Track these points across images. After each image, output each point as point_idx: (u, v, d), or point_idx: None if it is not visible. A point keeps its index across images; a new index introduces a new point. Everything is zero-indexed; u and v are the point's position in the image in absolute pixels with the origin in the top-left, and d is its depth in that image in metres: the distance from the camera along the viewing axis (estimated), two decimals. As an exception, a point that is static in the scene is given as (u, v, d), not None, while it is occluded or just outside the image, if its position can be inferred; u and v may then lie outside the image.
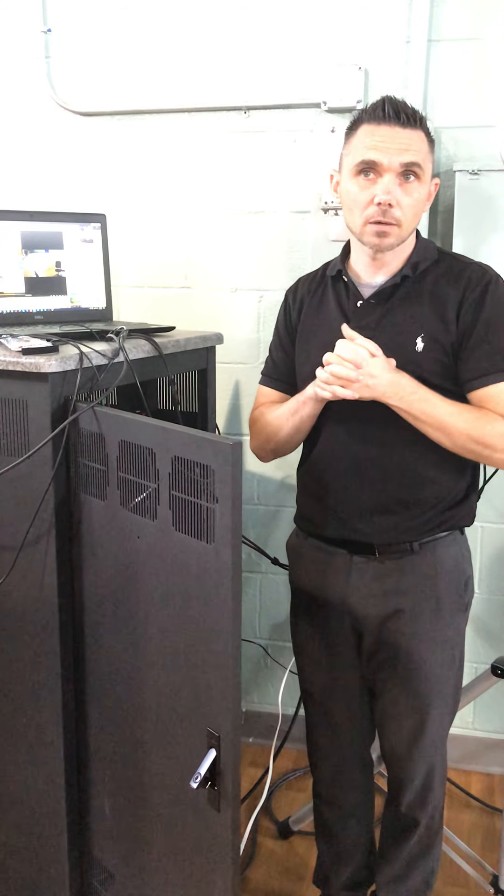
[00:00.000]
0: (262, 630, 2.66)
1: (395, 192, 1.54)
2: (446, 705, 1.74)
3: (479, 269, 1.61)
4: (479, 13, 2.17)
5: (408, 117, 1.54)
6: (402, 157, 1.53)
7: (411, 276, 1.62)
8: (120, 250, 2.45)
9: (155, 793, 1.52)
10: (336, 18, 2.25)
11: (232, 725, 1.32)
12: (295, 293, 1.79)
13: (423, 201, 1.60)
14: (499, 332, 1.56)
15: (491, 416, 1.54)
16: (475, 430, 1.53)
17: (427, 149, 1.57)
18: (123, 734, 1.57)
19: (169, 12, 2.35)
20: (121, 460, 1.47)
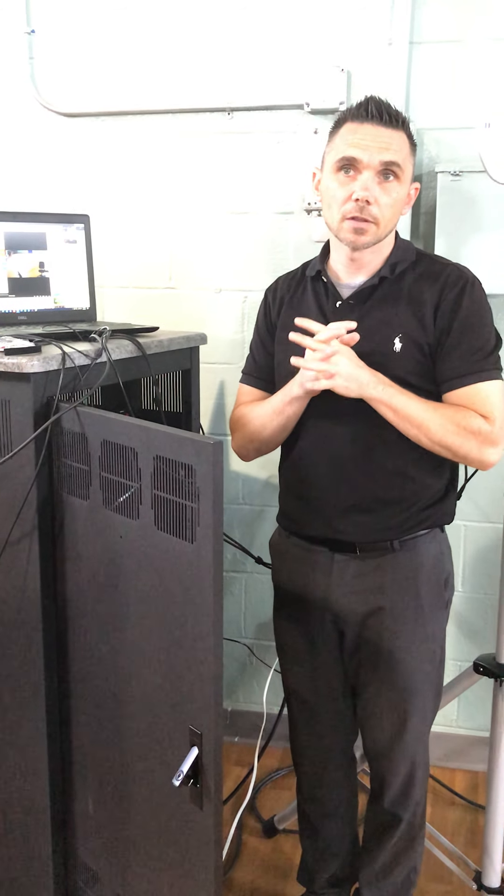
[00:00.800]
0: (248, 629, 2.67)
1: (373, 189, 1.55)
2: (428, 702, 1.75)
3: (456, 271, 1.62)
4: (460, 16, 2.18)
5: (390, 117, 1.55)
6: (382, 156, 1.54)
7: (389, 277, 1.63)
8: (104, 251, 2.46)
9: (138, 791, 1.53)
10: (319, 20, 2.26)
11: (214, 723, 1.32)
12: (275, 292, 1.80)
13: (402, 202, 1.61)
14: (475, 334, 1.57)
15: (468, 413, 1.55)
16: (452, 427, 1.54)
17: (408, 151, 1.59)
18: (106, 733, 1.58)
19: (153, 14, 2.35)
20: (103, 460, 1.47)
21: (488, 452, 1.56)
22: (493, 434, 1.55)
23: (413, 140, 1.61)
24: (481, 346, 1.57)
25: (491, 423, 1.55)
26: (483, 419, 1.55)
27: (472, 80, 2.20)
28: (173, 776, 1.33)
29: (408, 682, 1.70)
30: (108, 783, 1.60)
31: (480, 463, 1.58)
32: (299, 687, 1.83)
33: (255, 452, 1.80)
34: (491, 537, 2.42)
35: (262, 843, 2.28)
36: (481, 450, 1.55)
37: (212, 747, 1.33)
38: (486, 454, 1.56)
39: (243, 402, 1.83)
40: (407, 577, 1.68)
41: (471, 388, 1.57)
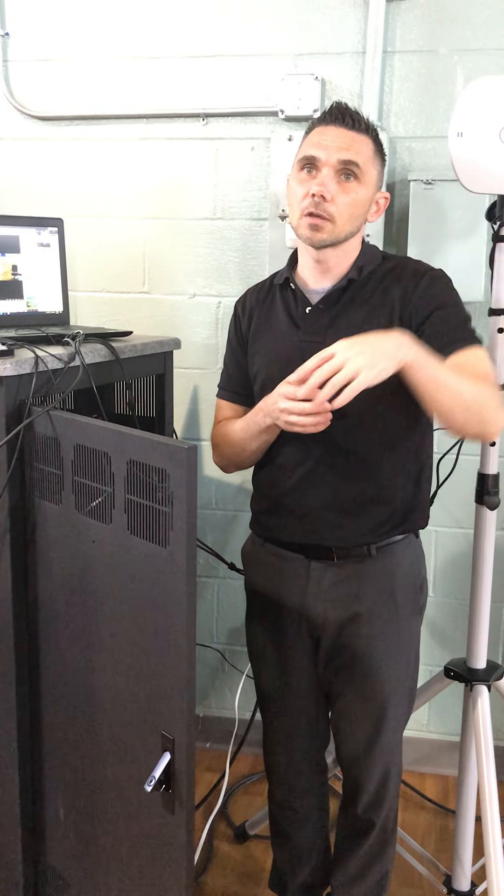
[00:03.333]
0: (220, 635, 2.67)
1: (329, 185, 1.55)
2: (402, 707, 1.76)
3: (419, 264, 1.65)
4: (433, 26, 2.21)
5: (353, 120, 1.57)
6: (341, 155, 1.55)
7: (357, 280, 1.63)
8: (77, 255, 2.45)
9: (110, 798, 1.52)
10: (294, 28, 2.27)
11: (186, 728, 1.32)
12: (244, 304, 1.80)
13: (363, 205, 1.60)
14: (453, 308, 1.58)
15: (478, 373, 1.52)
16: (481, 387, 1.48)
17: (370, 154, 1.58)
18: (78, 738, 1.57)
19: (128, 19, 2.35)
20: (76, 464, 1.47)
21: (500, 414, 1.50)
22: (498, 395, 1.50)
23: (380, 146, 1.61)
24: (463, 319, 1.58)
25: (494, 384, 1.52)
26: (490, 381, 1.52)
27: (444, 90, 2.23)
28: (145, 782, 1.33)
29: (384, 688, 1.71)
30: (79, 789, 1.59)
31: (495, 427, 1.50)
32: (272, 693, 1.83)
33: (235, 468, 1.81)
34: (461, 543, 2.44)
35: (234, 849, 2.27)
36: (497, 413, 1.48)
37: (184, 752, 1.33)
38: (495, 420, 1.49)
39: (221, 419, 1.83)
40: (383, 584, 1.68)
41: (466, 353, 1.54)
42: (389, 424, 1.62)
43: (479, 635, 1.95)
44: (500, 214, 1.75)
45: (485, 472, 1.88)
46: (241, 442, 1.72)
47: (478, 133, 1.66)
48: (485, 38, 2.19)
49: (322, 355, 1.40)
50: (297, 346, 1.65)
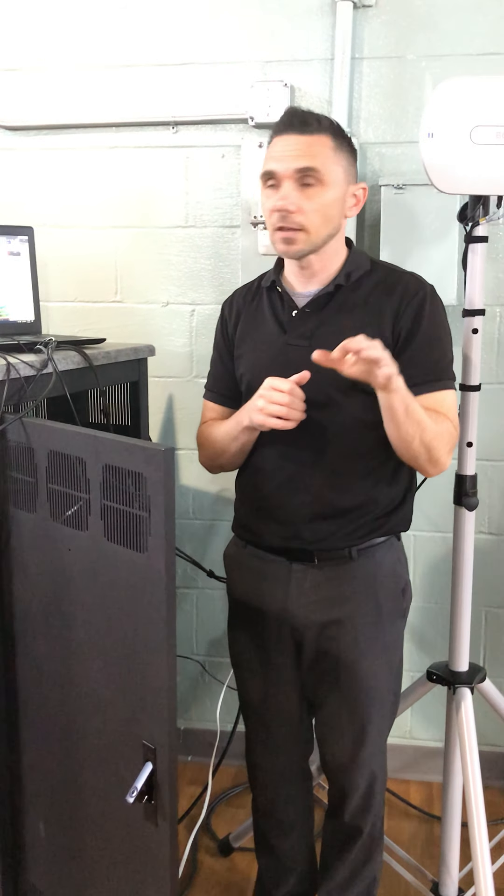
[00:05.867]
0: (199, 646, 2.64)
1: (291, 196, 1.55)
2: (386, 712, 1.75)
3: (415, 281, 1.63)
4: (400, 33, 2.22)
5: (306, 123, 1.56)
6: (296, 163, 1.55)
7: (345, 286, 1.63)
8: (49, 265, 2.43)
9: (91, 811, 1.49)
10: (262, 36, 2.27)
11: (168, 737, 1.30)
12: (231, 305, 1.79)
13: (333, 205, 1.58)
14: (437, 343, 1.60)
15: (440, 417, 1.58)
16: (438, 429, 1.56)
17: (330, 152, 1.56)
18: (57, 751, 1.54)
19: (95, 27, 2.35)
20: (50, 471, 1.45)
21: (446, 457, 1.60)
22: (454, 439, 1.62)
23: (343, 139, 1.59)
24: (443, 355, 1.61)
25: (455, 429, 1.62)
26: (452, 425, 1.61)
27: (413, 96, 2.24)
28: (127, 793, 1.30)
29: (368, 693, 1.69)
30: (59, 803, 1.56)
31: (438, 467, 1.59)
32: (255, 701, 1.81)
33: (219, 469, 1.80)
34: (440, 546, 2.43)
35: (218, 862, 2.24)
36: (447, 456, 1.60)
37: (166, 762, 1.30)
38: (443, 458, 1.59)
39: (206, 420, 1.82)
40: (365, 586, 1.67)
41: (434, 395, 1.59)
42: (368, 431, 1.60)
43: (461, 637, 1.94)
44: (472, 215, 1.75)
45: (462, 473, 1.88)
46: (222, 442, 1.71)
47: (448, 134, 1.66)
48: (452, 44, 2.20)
49: None
50: (282, 349, 1.64)
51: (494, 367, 2.33)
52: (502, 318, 2.31)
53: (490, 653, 2.49)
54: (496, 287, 2.28)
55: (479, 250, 1.80)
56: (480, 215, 1.75)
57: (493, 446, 2.35)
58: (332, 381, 1.55)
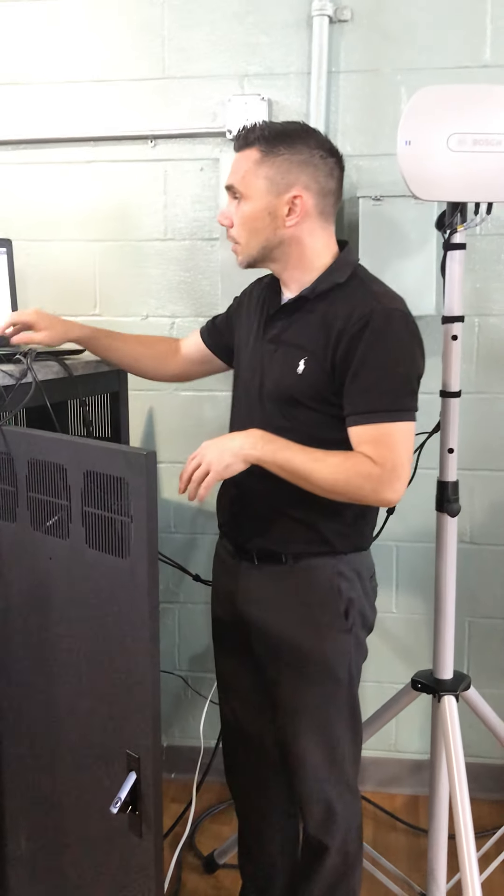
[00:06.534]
0: (182, 661, 2.62)
1: (225, 212, 1.64)
2: (334, 726, 1.69)
3: (368, 304, 1.54)
4: (376, 47, 2.24)
5: (240, 139, 1.61)
6: (227, 181, 1.63)
7: (310, 298, 1.60)
8: (27, 279, 2.42)
9: (74, 823, 1.47)
10: (239, 50, 2.29)
11: (152, 746, 1.28)
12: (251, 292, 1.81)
13: (255, 219, 1.59)
14: (374, 371, 1.52)
15: (356, 459, 1.53)
16: (340, 476, 1.52)
17: (251, 166, 1.58)
18: (40, 764, 1.51)
19: (70, 40, 2.35)
20: (30, 480, 1.43)
21: (384, 494, 1.53)
22: (382, 476, 1.51)
23: (276, 149, 1.56)
24: (377, 385, 1.53)
25: (380, 466, 1.51)
26: (371, 462, 1.51)
27: (389, 108, 2.26)
28: (111, 804, 1.28)
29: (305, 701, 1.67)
30: (41, 817, 1.53)
31: (381, 503, 1.57)
32: (227, 713, 1.83)
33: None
34: (422, 556, 2.43)
35: (203, 880, 2.21)
36: (376, 493, 1.53)
37: (150, 771, 1.29)
38: (382, 496, 1.53)
39: (188, 336, 1.94)
40: (299, 594, 1.66)
41: (364, 429, 1.53)
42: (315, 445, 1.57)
43: (445, 645, 1.93)
44: (450, 222, 1.77)
45: (444, 479, 1.88)
46: None
47: (426, 141, 1.67)
48: (427, 57, 2.23)
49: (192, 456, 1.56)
50: (257, 349, 1.68)
51: (473, 377, 2.34)
52: (481, 328, 2.32)
53: (474, 663, 2.49)
54: (474, 298, 2.30)
55: (457, 257, 1.81)
56: (458, 222, 1.76)
57: (474, 456, 2.36)
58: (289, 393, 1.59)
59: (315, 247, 1.62)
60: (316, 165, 1.58)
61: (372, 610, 1.73)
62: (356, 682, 1.72)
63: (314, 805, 1.72)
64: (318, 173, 1.58)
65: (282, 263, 1.63)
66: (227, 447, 1.54)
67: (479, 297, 2.31)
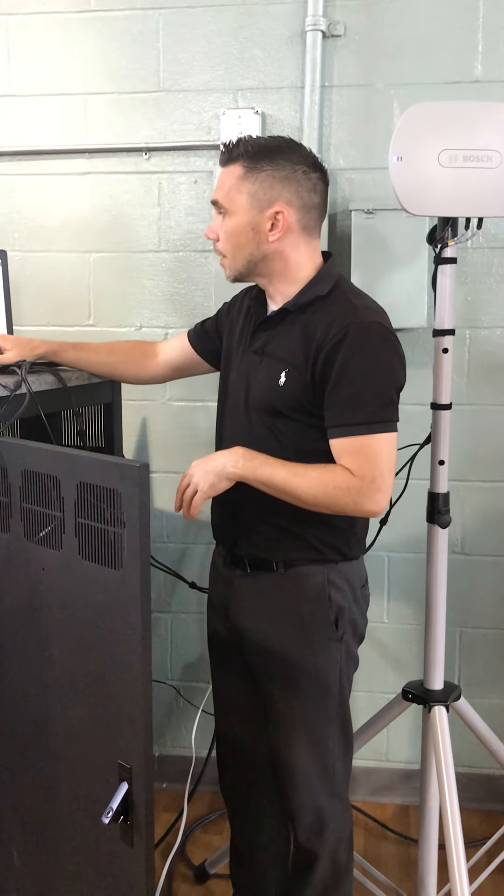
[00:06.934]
0: (174, 671, 2.62)
1: (212, 226, 1.66)
2: (326, 736, 1.70)
3: (346, 318, 1.55)
4: (369, 61, 2.27)
5: (225, 155, 1.63)
6: (212, 196, 1.66)
7: (292, 311, 1.62)
8: (22, 290, 2.44)
9: (65, 834, 1.47)
10: (234, 64, 2.31)
11: (143, 756, 1.29)
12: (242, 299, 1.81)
13: (238, 233, 1.61)
14: (353, 384, 1.53)
15: (336, 471, 1.55)
16: (320, 489, 1.54)
17: (234, 181, 1.60)
18: (32, 775, 1.52)
19: (65, 52, 2.37)
20: (24, 490, 1.44)
21: (365, 506, 1.55)
22: (362, 488, 1.53)
23: (259, 164, 1.58)
24: (355, 397, 1.54)
25: (360, 478, 1.53)
26: (350, 475, 1.53)
27: (382, 123, 2.29)
28: (102, 814, 1.29)
29: (295, 712, 1.68)
30: (33, 828, 1.53)
31: (364, 514, 1.59)
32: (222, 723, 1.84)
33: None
34: (413, 567, 2.44)
35: (194, 890, 2.21)
36: (357, 505, 1.55)
37: (142, 781, 1.29)
38: (364, 507, 1.55)
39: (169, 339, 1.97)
40: (290, 602, 1.67)
41: (344, 441, 1.55)
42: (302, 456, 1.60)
43: (436, 655, 1.95)
44: (441, 237, 1.78)
45: (435, 491, 1.90)
46: None
47: (417, 157, 1.69)
48: (419, 72, 2.25)
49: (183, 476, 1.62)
50: (244, 359, 1.70)
51: (464, 389, 2.36)
52: (471, 341, 2.34)
53: (464, 673, 2.50)
54: (465, 310, 2.32)
55: (448, 271, 1.83)
56: (449, 237, 1.78)
57: (464, 467, 2.38)
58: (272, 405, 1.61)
59: (298, 260, 1.63)
60: (298, 181, 1.59)
61: (363, 619, 1.75)
62: (347, 691, 1.73)
63: (305, 814, 1.72)
64: (301, 189, 1.59)
65: (267, 277, 1.65)
66: (212, 467, 1.58)
67: (471, 310, 2.33)
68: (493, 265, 2.31)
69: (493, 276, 2.32)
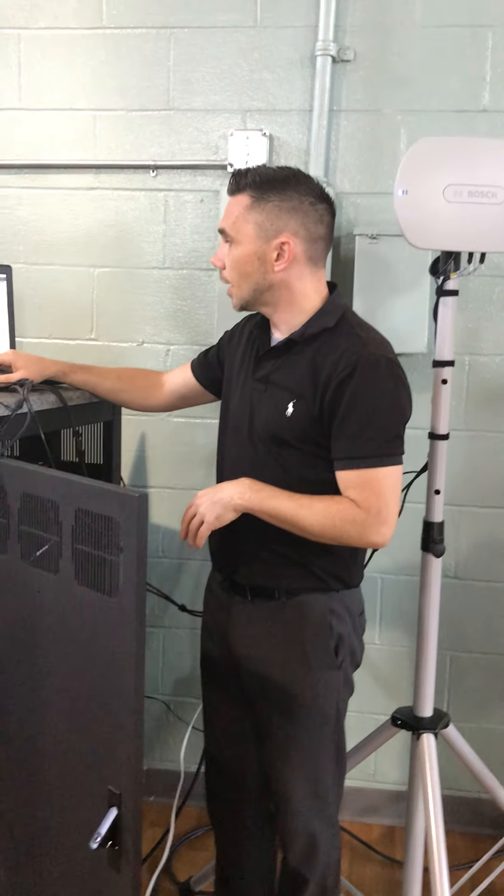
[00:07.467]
0: (165, 685, 2.63)
1: (218, 254, 1.67)
2: (322, 764, 1.71)
3: (354, 352, 1.56)
4: (378, 87, 2.28)
5: (232, 184, 1.64)
6: (219, 224, 1.66)
7: (298, 342, 1.62)
8: (26, 302, 2.45)
9: (54, 857, 1.48)
10: (243, 85, 2.33)
11: (133, 783, 1.30)
12: (243, 327, 1.82)
13: (244, 262, 1.62)
14: (361, 418, 1.55)
15: (342, 504, 1.56)
16: (327, 521, 1.56)
17: (241, 211, 1.61)
18: (22, 796, 1.52)
19: (76, 68, 2.38)
20: (22, 513, 1.45)
21: (370, 538, 1.57)
22: (367, 521, 1.55)
23: (266, 195, 1.59)
24: (363, 431, 1.55)
25: (365, 511, 1.54)
26: (356, 507, 1.55)
27: (389, 148, 2.30)
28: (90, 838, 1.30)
29: (292, 741, 1.69)
30: (21, 849, 1.54)
31: (368, 546, 1.62)
32: (211, 745, 1.85)
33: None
34: (406, 589, 2.45)
35: (178, 907, 2.22)
36: (362, 537, 1.56)
37: (131, 807, 1.30)
38: (369, 539, 1.57)
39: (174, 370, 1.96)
40: (293, 631, 1.67)
41: (350, 474, 1.56)
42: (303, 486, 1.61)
43: (426, 684, 1.96)
44: (444, 269, 1.80)
45: (430, 520, 1.91)
46: None
47: (422, 191, 1.71)
48: (427, 99, 2.27)
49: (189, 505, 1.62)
50: (247, 387, 1.70)
51: (463, 414, 2.38)
52: (471, 367, 2.36)
53: (454, 697, 2.51)
54: (466, 337, 2.33)
55: (449, 303, 1.84)
56: (451, 270, 1.80)
57: (462, 492, 2.39)
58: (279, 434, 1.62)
59: (304, 291, 1.64)
60: (305, 212, 1.59)
61: (361, 646, 1.76)
62: (343, 717, 1.74)
63: (297, 839, 1.74)
64: (308, 220, 1.60)
65: (272, 307, 1.66)
66: (218, 498, 1.59)
67: (471, 337, 2.34)
68: (495, 293, 2.33)
69: (494, 304, 2.33)
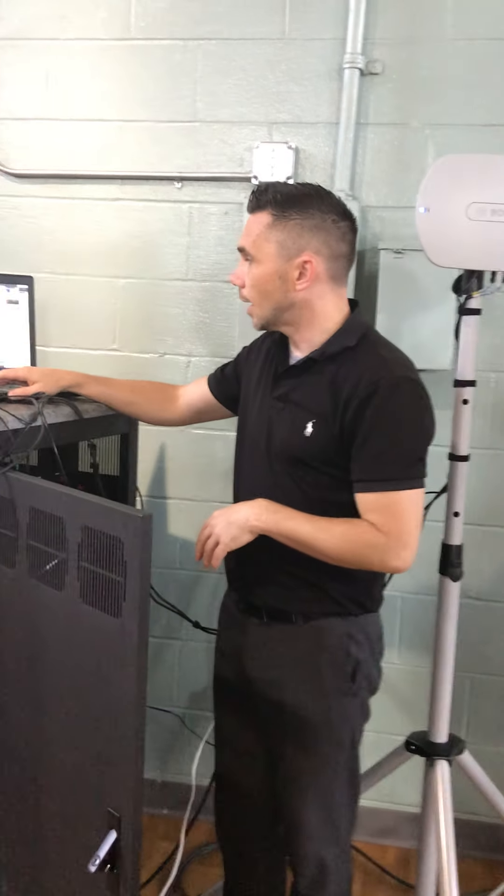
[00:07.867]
0: (180, 698, 2.62)
1: (237, 272, 1.64)
2: (327, 790, 1.68)
3: (376, 372, 1.53)
4: (405, 101, 2.26)
5: (253, 202, 1.61)
6: (239, 243, 1.63)
7: (318, 361, 1.60)
8: (49, 311, 2.45)
9: (53, 879, 1.46)
10: (269, 98, 2.31)
11: (133, 806, 1.28)
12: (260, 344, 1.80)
13: (265, 281, 1.59)
14: (380, 441, 1.52)
15: (362, 527, 1.53)
16: (346, 545, 1.53)
17: (262, 229, 1.58)
18: (23, 817, 1.51)
19: (103, 78, 2.39)
20: (31, 528, 1.44)
21: (391, 562, 1.53)
22: (388, 545, 1.51)
23: (287, 212, 1.56)
24: (384, 453, 1.52)
25: (385, 534, 1.51)
26: (376, 531, 1.52)
27: (416, 162, 2.27)
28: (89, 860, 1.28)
29: (304, 765, 1.66)
30: (21, 870, 1.53)
31: (389, 570, 1.58)
32: (222, 766, 1.84)
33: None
34: (427, 609, 2.41)
35: (187, 925, 2.20)
36: (383, 562, 1.54)
37: (130, 831, 1.28)
38: (389, 563, 1.53)
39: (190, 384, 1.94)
40: (308, 655, 1.64)
41: (370, 497, 1.53)
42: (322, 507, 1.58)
43: (441, 709, 1.92)
44: (466, 288, 1.77)
45: (449, 542, 1.87)
46: None
47: (444, 209, 1.68)
48: (455, 114, 2.24)
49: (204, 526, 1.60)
50: (265, 405, 1.68)
51: (488, 433, 2.33)
52: (497, 385, 2.32)
53: (473, 720, 2.47)
54: (490, 354, 2.29)
55: (471, 322, 1.81)
56: (474, 288, 1.76)
57: (484, 512, 2.35)
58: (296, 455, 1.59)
59: (325, 310, 1.61)
60: (328, 230, 1.57)
61: (378, 672, 1.72)
62: (358, 744, 1.71)
63: (308, 864, 1.71)
64: (330, 238, 1.57)
65: (294, 326, 1.63)
66: (234, 519, 1.56)
67: (496, 354, 2.30)
68: (521, 310, 2.29)
69: (519, 321, 2.29)
